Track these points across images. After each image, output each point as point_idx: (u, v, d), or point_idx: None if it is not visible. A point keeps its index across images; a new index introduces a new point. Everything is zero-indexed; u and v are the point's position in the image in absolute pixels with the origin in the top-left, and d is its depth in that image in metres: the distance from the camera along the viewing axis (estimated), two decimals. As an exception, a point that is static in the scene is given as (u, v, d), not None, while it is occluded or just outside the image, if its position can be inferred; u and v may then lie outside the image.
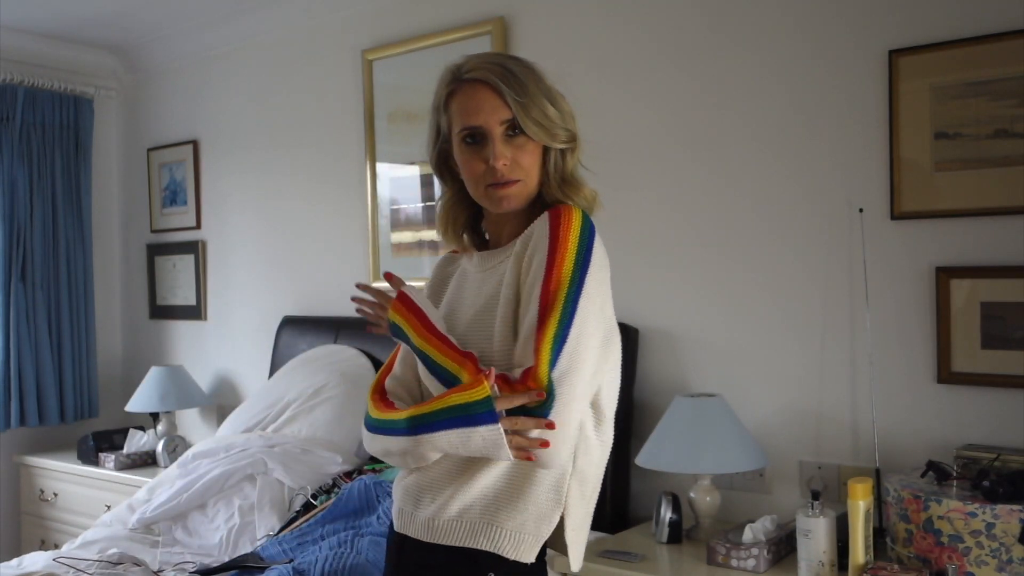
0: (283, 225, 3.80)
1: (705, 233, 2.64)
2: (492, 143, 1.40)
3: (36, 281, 3.99)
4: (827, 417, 2.43)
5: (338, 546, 2.33)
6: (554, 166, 1.45)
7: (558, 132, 1.43)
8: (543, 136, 1.41)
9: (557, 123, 1.42)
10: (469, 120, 1.41)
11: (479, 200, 1.47)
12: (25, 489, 4.02)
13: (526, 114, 1.39)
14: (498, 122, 1.40)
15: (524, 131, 1.40)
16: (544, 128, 1.41)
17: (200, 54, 4.05)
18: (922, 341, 2.28)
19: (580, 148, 1.48)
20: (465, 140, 1.43)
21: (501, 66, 1.41)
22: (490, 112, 1.40)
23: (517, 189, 1.43)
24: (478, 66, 1.42)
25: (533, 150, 1.43)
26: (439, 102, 1.48)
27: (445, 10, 3.17)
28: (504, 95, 1.39)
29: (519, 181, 1.42)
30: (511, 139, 1.41)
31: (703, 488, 2.38)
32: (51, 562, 2.67)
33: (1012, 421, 2.15)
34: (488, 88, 1.40)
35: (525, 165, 1.42)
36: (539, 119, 1.40)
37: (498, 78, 1.39)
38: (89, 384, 4.18)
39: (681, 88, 2.67)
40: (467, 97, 1.42)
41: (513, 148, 1.41)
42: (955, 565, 1.86)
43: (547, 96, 1.43)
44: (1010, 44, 2.13)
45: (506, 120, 1.40)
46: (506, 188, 1.42)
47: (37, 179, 4.01)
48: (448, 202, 1.54)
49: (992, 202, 2.17)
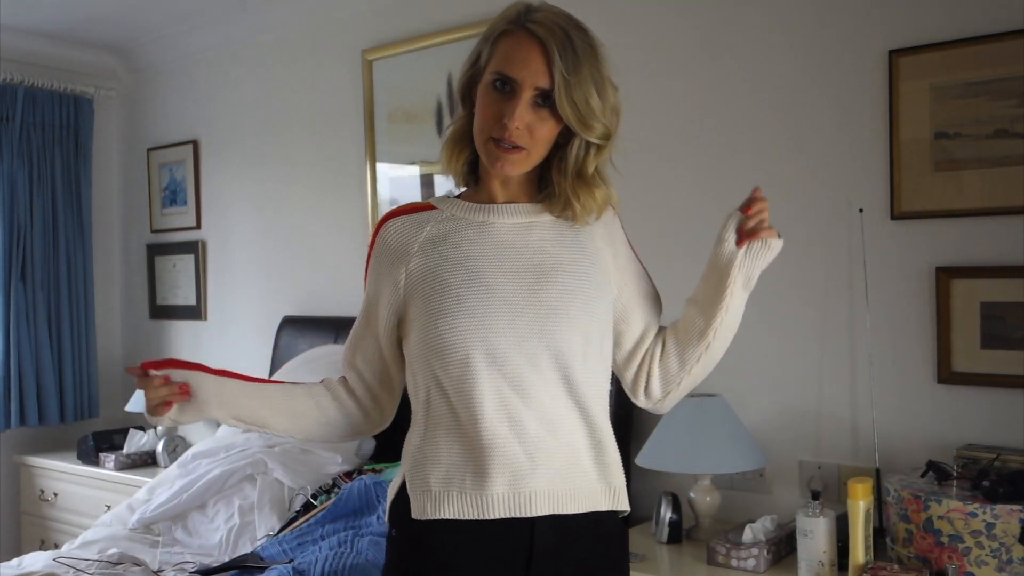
0: (283, 225, 3.80)
1: (705, 233, 2.63)
2: (517, 102, 1.32)
3: (36, 281, 3.99)
4: (827, 417, 2.43)
5: (338, 546, 2.33)
6: (575, 157, 1.39)
7: (593, 124, 1.35)
8: (574, 121, 1.34)
9: (596, 114, 1.35)
10: (507, 68, 1.33)
11: (478, 146, 1.39)
12: (25, 489, 4.02)
13: (567, 92, 1.31)
14: (533, 86, 1.32)
15: (555, 106, 1.32)
16: (579, 114, 1.33)
17: (200, 54, 4.06)
18: (922, 341, 2.28)
19: (611, 149, 1.42)
20: (494, 83, 1.35)
21: (565, 33, 1.33)
22: (531, 72, 1.32)
23: (519, 157, 1.36)
24: (544, 21, 1.34)
25: (552, 127, 1.36)
26: (491, 34, 1.38)
27: (445, 10, 3.17)
28: (552, 64, 1.31)
29: (523, 150, 1.35)
30: (538, 107, 1.34)
31: (703, 488, 2.38)
32: (51, 562, 2.67)
33: (1012, 421, 2.15)
34: (541, 48, 1.32)
35: (537, 137, 1.35)
36: (578, 103, 1.32)
37: (556, 44, 1.31)
38: (89, 384, 4.18)
39: (681, 88, 2.67)
40: (517, 45, 1.34)
41: (534, 116, 1.34)
42: (955, 565, 1.86)
43: (596, 84, 1.35)
44: (1010, 44, 2.13)
45: (541, 88, 1.32)
46: (508, 152, 1.35)
47: (37, 179, 4.01)
48: (459, 130, 1.45)
49: (992, 202, 2.17)
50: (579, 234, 1.45)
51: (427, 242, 1.42)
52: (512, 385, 1.34)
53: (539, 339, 1.35)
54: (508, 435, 1.34)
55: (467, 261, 1.38)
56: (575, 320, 1.38)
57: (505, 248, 1.40)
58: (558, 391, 1.37)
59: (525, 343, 1.35)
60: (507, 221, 1.42)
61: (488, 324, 1.34)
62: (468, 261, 1.38)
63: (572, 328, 1.37)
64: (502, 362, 1.34)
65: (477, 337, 1.34)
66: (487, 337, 1.34)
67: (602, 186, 1.43)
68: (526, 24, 1.34)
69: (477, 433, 1.34)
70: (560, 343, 1.36)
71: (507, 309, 1.35)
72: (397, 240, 1.43)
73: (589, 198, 1.41)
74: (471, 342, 1.33)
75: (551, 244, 1.42)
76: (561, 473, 1.37)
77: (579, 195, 1.41)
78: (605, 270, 1.45)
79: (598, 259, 1.45)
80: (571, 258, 1.42)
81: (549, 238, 1.42)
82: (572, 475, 1.38)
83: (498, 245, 1.40)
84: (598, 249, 1.46)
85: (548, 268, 1.39)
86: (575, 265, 1.41)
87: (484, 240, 1.41)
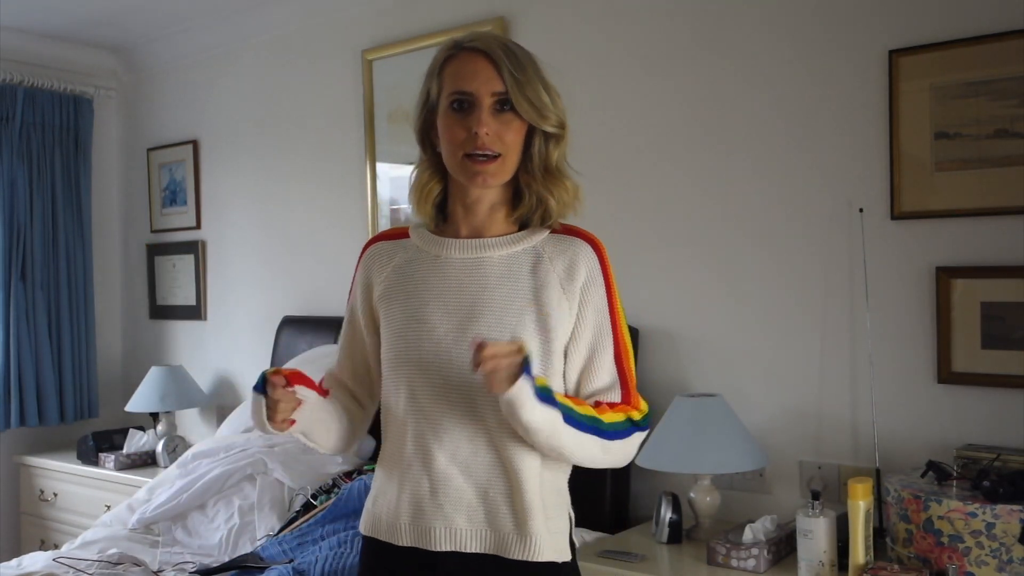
0: (283, 225, 3.80)
1: (705, 233, 2.64)
2: (479, 111, 1.37)
3: (36, 281, 3.99)
4: (827, 417, 2.43)
5: (338, 546, 2.33)
6: (538, 152, 1.42)
7: (548, 114, 1.40)
8: (533, 115, 1.39)
9: (549, 106, 1.40)
10: (461, 84, 1.38)
11: (453, 171, 1.42)
12: (25, 489, 4.02)
13: (520, 90, 1.37)
14: (489, 92, 1.37)
15: (514, 108, 1.38)
16: (536, 108, 1.38)
17: (200, 54, 4.05)
18: (922, 341, 2.28)
19: (567, 141, 1.45)
20: (452, 106, 1.39)
21: (502, 43, 1.41)
22: (484, 81, 1.37)
23: (495, 166, 1.39)
24: (480, 38, 1.41)
25: (518, 129, 1.40)
26: (434, 67, 1.44)
27: (445, 10, 3.17)
28: (501, 68, 1.37)
29: (498, 157, 1.39)
30: (499, 113, 1.38)
31: (703, 488, 2.38)
32: (51, 562, 2.67)
33: (1012, 421, 2.15)
34: (486, 59, 1.38)
35: (507, 141, 1.39)
36: (532, 98, 1.38)
37: (499, 50, 1.38)
38: (89, 384, 4.18)
39: (680, 89, 2.67)
40: (463, 63, 1.40)
41: (499, 122, 1.38)
42: (955, 565, 1.86)
43: (542, 83, 1.41)
44: (1010, 44, 2.13)
45: (498, 93, 1.37)
46: (484, 164, 1.38)
47: (37, 179, 4.01)
48: (424, 172, 1.48)
49: (992, 202, 2.17)
50: (532, 268, 1.43)
51: (392, 272, 1.48)
52: (430, 423, 1.39)
53: (459, 378, 1.38)
54: (420, 470, 1.41)
55: (413, 297, 1.44)
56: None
57: (449, 285, 1.43)
58: (476, 432, 1.38)
59: (448, 382, 1.39)
60: (457, 256, 1.45)
61: (418, 360, 1.40)
62: (414, 297, 1.44)
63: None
64: (423, 399, 1.40)
65: (405, 374, 1.41)
66: (413, 375, 1.40)
67: (570, 177, 1.46)
68: (464, 46, 1.41)
69: (398, 463, 1.43)
70: (478, 385, 1.33)
71: (435, 347, 1.40)
72: (372, 266, 1.52)
73: (561, 190, 1.44)
74: (401, 377, 1.42)
75: (494, 280, 1.42)
76: (467, 513, 1.39)
77: (551, 189, 1.43)
78: (551, 305, 1.40)
79: (545, 298, 1.40)
80: (510, 296, 1.41)
81: (492, 273, 1.42)
82: (479, 517, 1.39)
83: (444, 281, 1.44)
84: (550, 283, 1.41)
85: (481, 307, 1.40)
86: (511, 304, 1.40)
87: (434, 275, 1.45)
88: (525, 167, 1.43)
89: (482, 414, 1.38)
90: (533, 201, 1.44)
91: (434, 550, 1.40)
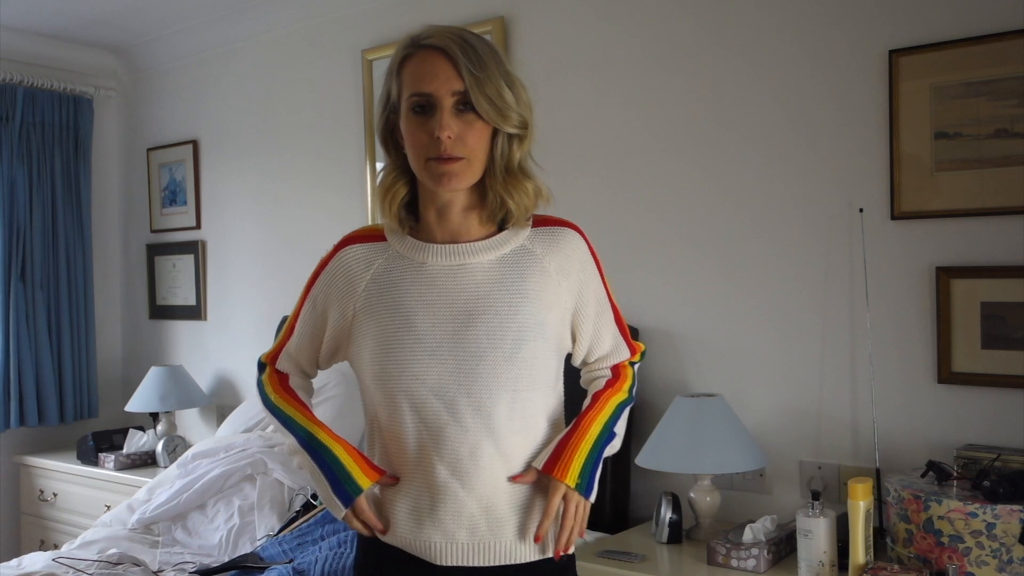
0: (283, 225, 3.80)
1: (705, 233, 2.64)
2: (440, 113, 1.32)
3: (36, 281, 3.99)
4: (827, 417, 2.43)
5: (338, 546, 2.33)
6: (500, 153, 1.38)
7: (510, 115, 1.35)
8: (493, 115, 1.33)
9: (511, 106, 1.35)
10: (420, 86, 1.33)
11: (419, 175, 1.38)
12: (25, 489, 4.02)
13: (479, 89, 1.32)
14: (449, 92, 1.32)
15: (474, 107, 1.33)
16: (496, 108, 1.33)
17: (200, 54, 4.05)
18: (922, 341, 2.28)
19: (531, 140, 1.41)
20: (413, 109, 1.35)
21: (461, 37, 1.35)
22: (443, 81, 1.32)
23: (460, 167, 1.34)
24: (437, 33, 1.36)
25: (481, 129, 1.35)
26: (393, 66, 1.40)
27: (445, 10, 3.17)
28: (459, 66, 1.32)
29: (462, 159, 1.34)
30: (461, 113, 1.33)
31: (703, 488, 2.38)
32: (51, 562, 2.67)
33: (1012, 421, 2.15)
34: (444, 57, 1.33)
35: (471, 143, 1.34)
36: (492, 97, 1.33)
37: (456, 47, 1.33)
38: (89, 384, 4.18)
39: (681, 88, 2.67)
40: (421, 62, 1.35)
41: (461, 123, 1.33)
42: (955, 565, 1.86)
43: (505, 78, 1.35)
44: (1010, 44, 2.13)
45: (457, 92, 1.32)
46: (448, 164, 1.33)
47: (37, 179, 4.01)
48: (390, 174, 1.44)
49: (992, 202, 2.17)
50: (525, 269, 1.42)
51: (372, 281, 1.44)
52: (431, 433, 1.37)
53: (459, 388, 1.35)
54: (420, 481, 1.38)
55: (400, 307, 1.39)
56: (500, 367, 1.36)
57: (437, 292, 1.39)
58: (479, 440, 1.36)
59: (446, 392, 1.35)
60: (441, 263, 1.41)
61: (413, 371, 1.36)
62: (401, 307, 1.39)
63: (495, 376, 1.36)
64: (422, 409, 1.36)
65: (402, 385, 1.37)
66: (410, 385, 1.36)
67: (531, 178, 1.42)
68: (421, 43, 1.36)
69: (399, 471, 1.41)
70: (481, 392, 1.35)
71: (430, 356, 1.36)
72: (349, 271, 1.47)
73: (521, 192, 1.40)
74: (396, 389, 1.37)
75: (485, 285, 1.39)
76: (468, 526, 1.37)
77: (511, 191, 1.39)
78: (549, 304, 1.42)
79: (543, 293, 1.41)
80: (508, 301, 1.39)
81: (484, 279, 1.40)
82: (482, 528, 1.38)
83: (430, 289, 1.40)
84: (546, 281, 1.42)
85: (475, 313, 1.37)
86: (510, 309, 1.38)
87: (419, 282, 1.41)
88: (489, 168, 1.39)
89: (488, 423, 1.36)
90: (497, 202, 1.40)
91: (434, 563, 1.38)
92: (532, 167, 1.43)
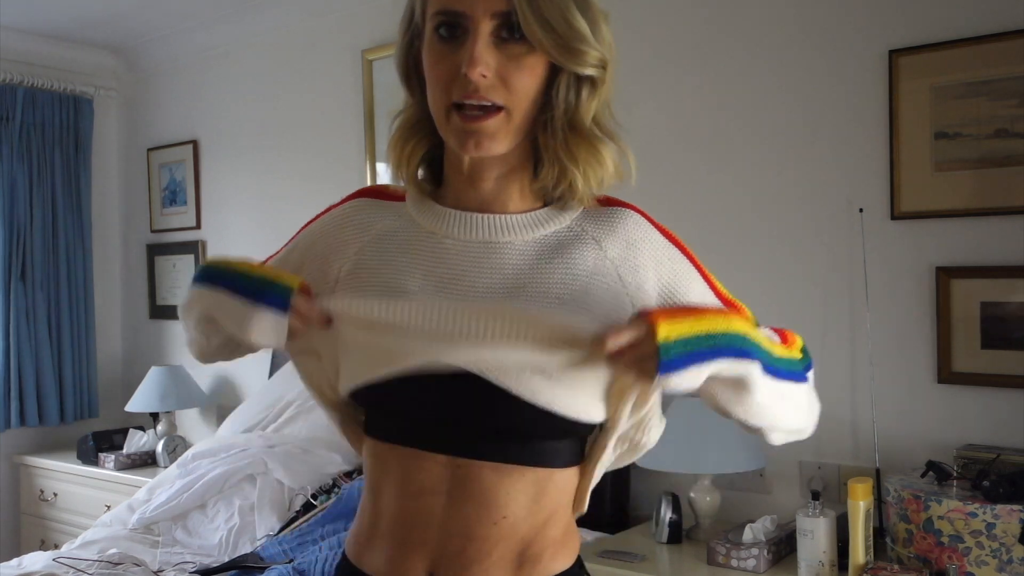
0: (283, 225, 3.79)
1: (705, 233, 2.64)
2: (472, 40, 0.94)
3: (36, 281, 3.99)
4: (827, 417, 2.40)
5: (338, 546, 2.33)
6: (563, 101, 0.98)
7: (579, 47, 0.96)
8: (551, 46, 0.94)
9: (582, 35, 0.96)
10: (448, 2, 0.96)
11: (440, 128, 1.00)
12: (25, 489, 4.02)
13: (532, 9, 0.93)
14: (488, 13, 0.94)
15: (524, 34, 0.94)
16: (557, 35, 0.94)
17: (200, 54, 4.05)
18: (922, 341, 2.28)
19: (609, 90, 1.03)
20: (438, 32, 0.97)
21: None
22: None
23: (495, 125, 0.96)
24: None
25: (533, 68, 0.96)
26: None
27: (445, 10, 3.17)
28: None
29: (500, 110, 0.96)
30: (503, 44, 0.95)
31: (703, 488, 2.38)
32: (51, 562, 2.66)
33: (1012, 421, 2.15)
34: None
35: (516, 86, 0.96)
36: (553, 21, 0.94)
37: None
38: (89, 384, 4.18)
39: (683, 88, 2.67)
40: None
41: (503, 57, 0.95)
42: (955, 565, 1.86)
43: (577, 2, 0.97)
44: (1010, 44, 2.13)
45: (500, 12, 0.94)
46: (479, 120, 0.95)
47: (37, 179, 4.01)
48: (408, 120, 1.07)
49: (992, 202, 2.17)
50: (576, 260, 1.03)
51: (370, 245, 1.09)
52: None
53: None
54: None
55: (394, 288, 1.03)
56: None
57: (448, 275, 1.02)
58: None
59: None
60: (461, 237, 1.04)
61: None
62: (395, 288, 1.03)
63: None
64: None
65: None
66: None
67: (607, 141, 1.03)
68: None
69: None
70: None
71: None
72: (345, 226, 1.12)
73: (593, 160, 1.01)
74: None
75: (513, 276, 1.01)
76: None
77: (576, 157, 1.00)
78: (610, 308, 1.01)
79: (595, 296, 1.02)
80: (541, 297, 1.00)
81: (515, 265, 1.02)
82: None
83: (439, 267, 1.03)
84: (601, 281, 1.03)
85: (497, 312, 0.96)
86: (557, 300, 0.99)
87: (426, 257, 1.04)
88: (543, 125, 1.00)
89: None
90: (555, 171, 1.02)
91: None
92: (614, 127, 1.05)
